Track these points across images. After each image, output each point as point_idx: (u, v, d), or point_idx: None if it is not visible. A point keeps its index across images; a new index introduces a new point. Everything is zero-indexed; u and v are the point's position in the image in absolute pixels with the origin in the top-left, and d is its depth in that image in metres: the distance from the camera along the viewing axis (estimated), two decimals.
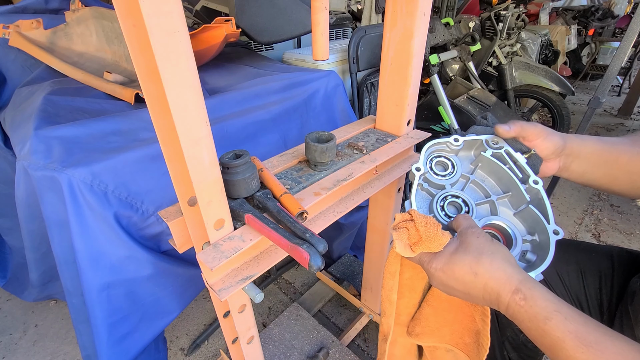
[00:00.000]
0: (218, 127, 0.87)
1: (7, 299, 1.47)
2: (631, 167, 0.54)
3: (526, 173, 0.51)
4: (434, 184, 0.52)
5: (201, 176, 0.43)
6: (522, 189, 0.50)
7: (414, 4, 0.61)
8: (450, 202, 0.50)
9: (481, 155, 0.54)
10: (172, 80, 0.35)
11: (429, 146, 0.54)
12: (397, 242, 0.48)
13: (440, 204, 0.50)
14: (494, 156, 0.53)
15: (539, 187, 0.49)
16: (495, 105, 1.96)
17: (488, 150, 0.54)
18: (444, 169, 0.53)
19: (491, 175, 0.54)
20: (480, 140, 0.54)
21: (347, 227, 1.32)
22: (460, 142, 0.55)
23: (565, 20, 3.78)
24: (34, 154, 0.69)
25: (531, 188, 0.50)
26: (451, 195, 0.50)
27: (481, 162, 0.54)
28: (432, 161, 0.54)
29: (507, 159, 0.52)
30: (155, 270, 0.77)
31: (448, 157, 0.55)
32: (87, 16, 1.24)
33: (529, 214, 0.49)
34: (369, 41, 1.51)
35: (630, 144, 0.55)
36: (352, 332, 1.23)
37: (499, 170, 0.52)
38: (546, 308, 0.38)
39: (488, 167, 0.54)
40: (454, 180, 0.52)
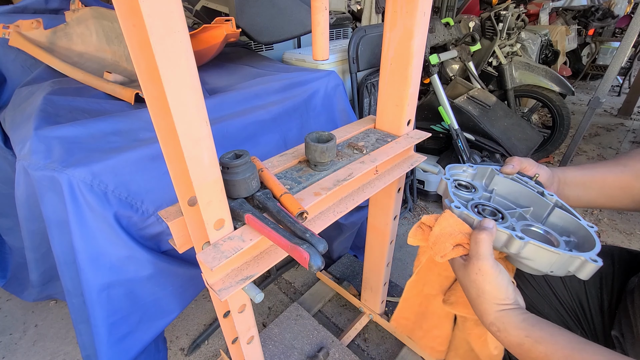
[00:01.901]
0: (218, 127, 0.87)
1: (7, 299, 1.47)
2: (621, 183, 0.58)
3: (539, 188, 0.55)
4: (463, 197, 0.55)
5: (201, 176, 0.43)
6: (543, 198, 0.53)
7: (414, 4, 0.61)
8: (483, 209, 0.53)
9: (496, 177, 0.58)
10: (172, 80, 0.35)
11: (450, 168, 0.59)
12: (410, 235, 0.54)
13: (475, 210, 0.52)
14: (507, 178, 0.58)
15: (556, 197, 0.53)
16: (495, 105, 1.96)
17: (500, 174, 0.58)
18: (467, 189, 0.57)
19: (509, 195, 0.57)
20: (490, 168, 0.59)
21: (347, 227, 1.32)
22: (475, 169, 0.60)
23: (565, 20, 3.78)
24: (34, 154, 0.69)
25: (550, 198, 0.53)
26: (482, 204, 0.53)
27: (497, 185, 0.58)
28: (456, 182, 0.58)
29: (520, 180, 0.57)
30: (155, 270, 0.77)
31: (467, 180, 0.59)
32: (87, 16, 1.24)
33: (558, 218, 0.51)
34: (369, 41, 1.51)
35: (613, 164, 0.60)
36: (352, 332, 1.23)
37: (515, 189, 0.56)
38: (518, 336, 0.44)
39: (504, 187, 0.58)
40: (478, 196, 0.56)
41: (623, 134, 3.09)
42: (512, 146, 1.79)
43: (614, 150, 2.78)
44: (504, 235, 0.47)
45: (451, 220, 0.50)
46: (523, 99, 2.79)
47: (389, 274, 1.13)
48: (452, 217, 0.50)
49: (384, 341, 1.27)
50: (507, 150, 1.77)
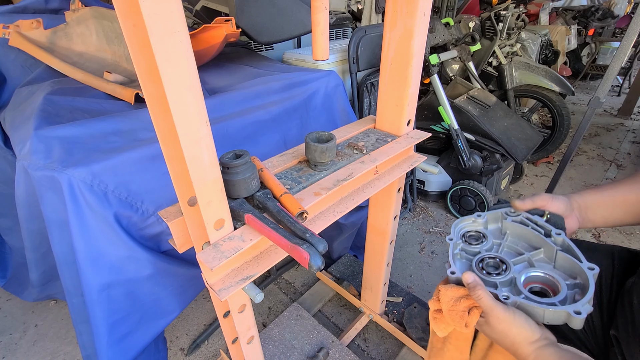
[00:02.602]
0: (218, 127, 0.87)
1: (7, 299, 1.47)
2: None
3: (547, 228, 0.57)
4: (470, 251, 0.58)
5: (201, 176, 0.43)
6: (548, 240, 0.55)
7: (414, 4, 0.61)
8: (487, 263, 0.55)
9: (504, 222, 0.61)
10: (172, 80, 0.35)
11: (457, 223, 0.62)
12: (437, 330, 0.56)
13: (479, 265, 0.55)
14: (516, 221, 0.60)
15: (563, 237, 0.54)
16: (495, 105, 1.96)
17: (508, 218, 0.61)
18: (476, 240, 0.60)
19: (520, 239, 0.59)
20: (500, 212, 0.62)
21: (347, 227, 1.32)
22: (484, 217, 0.62)
23: (565, 20, 3.78)
24: (34, 154, 0.69)
25: (556, 239, 0.55)
26: (488, 257, 0.56)
27: (508, 229, 0.61)
28: (465, 235, 0.61)
29: (527, 222, 0.59)
30: (155, 270, 0.77)
31: (477, 230, 0.62)
32: (87, 16, 1.24)
33: (564, 260, 0.53)
34: (369, 41, 1.51)
35: (630, 182, 0.62)
36: (352, 332, 1.23)
37: (524, 233, 0.59)
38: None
39: (515, 231, 0.60)
40: (487, 247, 0.58)
41: (623, 134, 3.09)
42: (512, 146, 1.79)
43: (613, 150, 2.78)
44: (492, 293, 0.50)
45: (450, 292, 0.53)
46: (523, 99, 2.78)
47: (389, 274, 1.13)
48: (449, 290, 0.53)
49: (384, 341, 1.27)
50: (507, 150, 1.77)
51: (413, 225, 1.92)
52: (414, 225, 1.92)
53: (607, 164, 2.58)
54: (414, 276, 1.57)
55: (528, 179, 2.40)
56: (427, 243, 1.78)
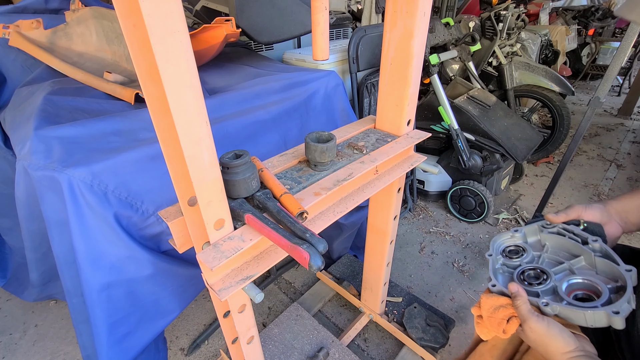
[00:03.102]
0: (218, 127, 0.87)
1: (7, 299, 1.47)
2: None
3: (583, 236, 0.58)
4: (511, 265, 0.60)
5: (201, 176, 0.43)
6: (585, 248, 0.57)
7: (414, 4, 0.61)
8: (528, 274, 0.57)
9: (542, 235, 0.63)
10: (172, 80, 0.35)
11: (495, 240, 0.64)
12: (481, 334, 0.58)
13: (521, 277, 0.57)
14: (552, 232, 0.62)
15: (599, 243, 0.56)
16: (495, 105, 1.96)
17: (545, 230, 0.63)
18: (517, 254, 0.61)
19: (561, 249, 0.61)
20: (536, 225, 0.64)
21: (347, 227, 1.32)
22: (521, 231, 0.64)
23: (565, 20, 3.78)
24: (34, 154, 0.69)
25: (594, 245, 0.57)
26: (528, 268, 0.58)
27: (547, 241, 0.62)
28: (505, 251, 0.63)
29: (564, 232, 0.61)
30: (155, 270, 0.77)
31: (516, 244, 0.64)
32: (87, 16, 1.24)
33: (603, 265, 0.55)
34: (369, 41, 1.51)
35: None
36: (352, 332, 1.23)
37: (563, 243, 0.60)
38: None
39: (554, 242, 0.62)
40: (528, 259, 0.60)
41: (623, 134, 3.09)
42: (512, 146, 1.79)
43: (613, 150, 2.78)
44: (534, 301, 0.51)
45: (490, 300, 0.55)
46: (523, 99, 2.78)
47: (389, 274, 1.13)
48: (490, 298, 0.56)
49: (384, 341, 1.27)
50: (507, 150, 1.77)
51: (413, 225, 1.92)
52: (414, 225, 1.92)
53: (607, 164, 2.58)
54: (414, 276, 1.57)
55: (528, 179, 2.40)
56: (427, 243, 1.78)
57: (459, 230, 1.87)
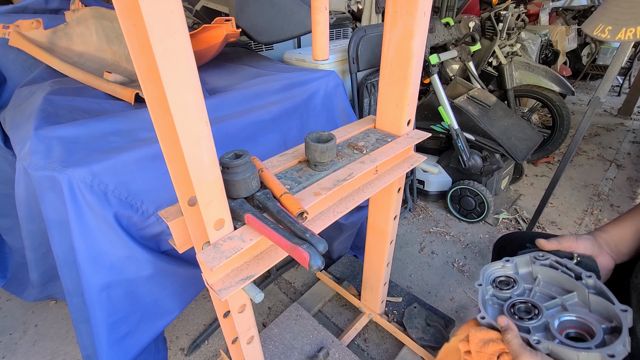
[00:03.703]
0: (218, 127, 0.87)
1: (7, 299, 1.47)
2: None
3: (577, 271, 0.57)
4: (501, 297, 0.58)
5: (201, 176, 0.43)
6: (579, 283, 0.55)
7: (414, 4, 0.61)
8: (519, 307, 0.55)
9: (534, 267, 0.61)
10: (172, 80, 0.35)
11: (486, 269, 0.62)
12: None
13: (511, 310, 0.54)
14: (545, 265, 0.60)
15: (594, 279, 0.54)
16: (495, 105, 1.96)
17: (537, 262, 0.61)
18: (507, 285, 0.59)
19: (553, 283, 0.59)
20: (528, 256, 0.62)
21: (347, 227, 1.32)
22: (512, 262, 0.62)
23: (565, 20, 3.78)
24: (34, 154, 0.69)
25: (587, 281, 0.55)
26: (519, 301, 0.55)
27: (539, 273, 0.60)
28: (495, 281, 0.61)
29: (557, 265, 0.59)
30: (155, 270, 0.77)
31: (507, 275, 0.62)
32: (87, 16, 1.24)
33: (597, 303, 0.53)
34: (369, 41, 1.51)
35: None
36: (352, 332, 1.23)
37: (556, 276, 0.59)
38: None
39: (546, 275, 0.60)
40: (519, 292, 0.58)
41: (623, 134, 3.09)
42: (512, 146, 1.79)
43: (614, 150, 2.79)
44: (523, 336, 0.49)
45: (479, 334, 0.53)
46: (523, 99, 2.78)
47: (389, 274, 1.13)
48: (479, 332, 0.53)
49: (384, 341, 1.27)
50: (507, 150, 1.77)
51: (413, 225, 1.92)
52: (414, 225, 1.92)
53: (607, 164, 2.58)
54: (414, 276, 1.57)
55: (528, 179, 2.40)
56: (427, 243, 1.78)
57: (459, 230, 1.87)
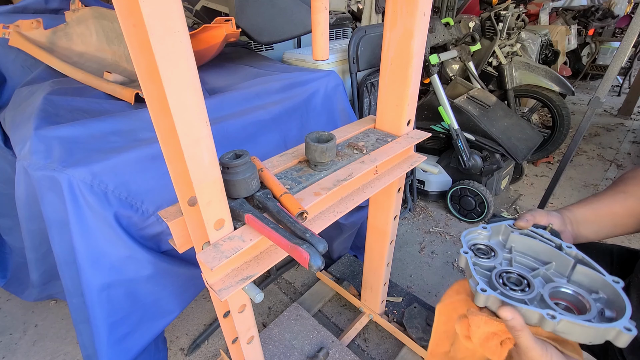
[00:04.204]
0: (218, 127, 0.87)
1: (7, 299, 1.47)
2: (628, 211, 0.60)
3: (557, 242, 0.54)
4: (484, 266, 0.54)
5: (201, 176, 0.43)
6: (562, 253, 0.52)
7: (414, 4, 0.61)
8: (508, 277, 0.51)
9: (511, 235, 0.58)
10: (172, 80, 0.35)
11: (465, 235, 0.58)
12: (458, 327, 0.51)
13: (499, 280, 0.51)
14: (523, 234, 0.57)
15: (575, 250, 0.52)
16: (495, 105, 1.96)
17: (515, 231, 0.58)
18: (485, 254, 0.56)
19: (528, 252, 0.56)
20: (504, 225, 0.59)
21: (347, 227, 1.32)
22: (488, 228, 0.59)
23: (565, 20, 3.78)
24: (34, 154, 0.69)
25: (569, 252, 0.52)
26: (505, 272, 0.52)
27: (514, 243, 0.58)
28: (473, 249, 0.57)
29: (535, 235, 0.56)
30: (155, 270, 0.77)
31: (484, 243, 0.58)
32: (87, 16, 1.24)
33: (582, 274, 0.50)
34: (369, 41, 1.51)
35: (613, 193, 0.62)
36: (352, 332, 1.23)
37: (533, 245, 0.55)
38: None
39: (522, 244, 0.57)
40: (499, 261, 0.54)
41: (623, 134, 3.09)
42: (512, 146, 1.79)
43: (614, 150, 2.78)
44: (536, 315, 0.45)
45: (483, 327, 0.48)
46: (523, 99, 2.78)
47: (389, 274, 1.13)
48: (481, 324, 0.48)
49: (384, 341, 1.27)
50: (507, 150, 1.77)
51: (413, 225, 1.92)
52: (414, 225, 1.92)
53: (607, 164, 2.58)
54: (414, 276, 1.57)
55: (528, 179, 2.40)
56: (427, 243, 1.78)
57: (459, 230, 1.87)
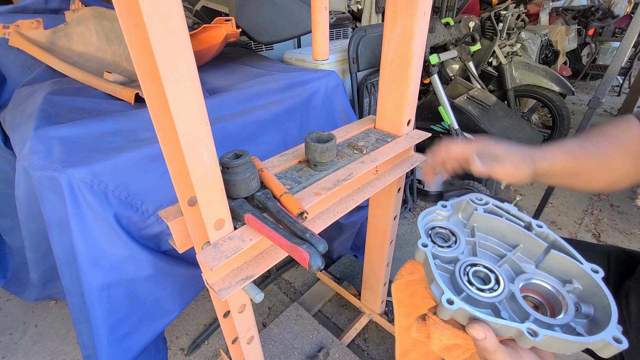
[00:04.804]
0: (218, 127, 0.87)
1: (7, 299, 1.47)
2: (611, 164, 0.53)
3: (526, 220, 0.47)
4: (445, 257, 0.45)
5: (201, 176, 0.43)
6: (532, 235, 0.45)
7: (414, 4, 0.61)
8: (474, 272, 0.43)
9: (474, 214, 0.49)
10: (172, 80, 0.35)
11: (421, 219, 0.50)
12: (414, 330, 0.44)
13: (465, 279, 0.42)
14: (487, 211, 0.49)
15: (547, 230, 0.45)
16: (495, 105, 1.96)
17: (478, 207, 0.49)
18: (445, 240, 0.47)
19: (492, 233, 0.49)
20: (465, 200, 0.51)
21: (347, 227, 1.32)
22: (448, 207, 0.51)
23: (565, 20, 3.78)
24: (34, 154, 0.69)
25: (540, 233, 0.45)
26: (469, 265, 0.43)
27: (476, 222, 0.49)
28: (431, 236, 0.48)
29: (501, 212, 0.48)
30: (155, 270, 0.77)
31: (443, 226, 0.49)
32: (87, 16, 1.24)
33: (555, 261, 0.43)
34: (369, 41, 1.51)
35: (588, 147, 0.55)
36: (352, 332, 1.23)
37: (498, 225, 0.48)
38: None
39: (486, 224, 0.49)
40: (462, 249, 0.46)
41: None
42: None
43: None
44: (513, 330, 0.36)
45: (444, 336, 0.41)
46: (523, 99, 2.78)
47: (389, 274, 1.13)
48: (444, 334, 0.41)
49: (384, 341, 1.27)
50: None
51: (413, 225, 1.91)
52: (414, 225, 1.92)
53: None
54: None
55: None
56: None
57: None
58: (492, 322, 0.36)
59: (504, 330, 0.37)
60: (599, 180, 0.55)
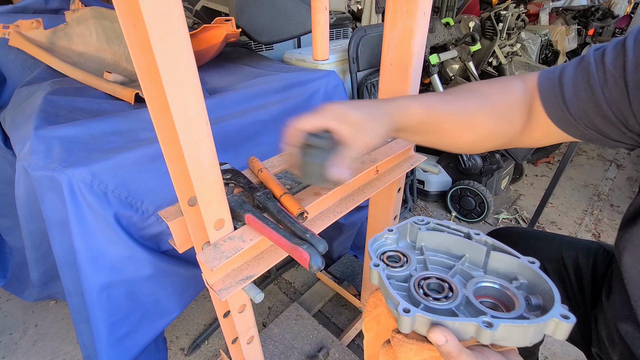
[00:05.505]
0: (218, 127, 0.87)
1: (7, 299, 1.47)
2: (472, 122, 0.52)
3: (464, 230, 0.50)
4: (399, 276, 0.47)
5: (201, 176, 0.43)
6: (474, 242, 0.47)
7: (414, 4, 0.61)
8: (428, 284, 0.45)
9: (419, 233, 0.52)
10: (172, 80, 0.35)
11: (372, 243, 0.51)
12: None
13: (420, 292, 0.44)
14: (429, 229, 0.52)
15: (483, 235, 0.48)
16: None
17: (422, 227, 0.52)
18: (397, 261, 0.49)
19: (439, 248, 0.51)
20: (409, 222, 0.53)
21: (347, 227, 1.32)
22: (394, 230, 0.53)
23: (565, 20, 3.77)
24: (34, 154, 0.69)
25: (479, 239, 0.48)
26: (422, 279, 0.45)
27: (423, 241, 0.52)
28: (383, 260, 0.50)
29: (440, 227, 0.51)
30: (155, 270, 0.77)
31: (393, 249, 0.51)
32: (87, 16, 1.24)
33: (497, 261, 0.46)
34: (369, 41, 1.51)
35: (451, 101, 0.52)
36: (352, 332, 1.23)
37: (443, 240, 0.50)
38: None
39: (432, 241, 0.52)
40: (414, 266, 0.48)
41: None
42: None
43: (613, 150, 2.78)
44: (471, 326, 0.38)
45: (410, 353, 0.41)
46: None
47: None
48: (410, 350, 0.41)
49: None
50: (507, 150, 1.77)
51: None
52: None
53: (607, 164, 2.58)
54: None
55: (528, 179, 2.40)
56: None
57: None
58: (450, 323, 0.38)
59: (463, 330, 0.38)
60: (460, 139, 0.53)
